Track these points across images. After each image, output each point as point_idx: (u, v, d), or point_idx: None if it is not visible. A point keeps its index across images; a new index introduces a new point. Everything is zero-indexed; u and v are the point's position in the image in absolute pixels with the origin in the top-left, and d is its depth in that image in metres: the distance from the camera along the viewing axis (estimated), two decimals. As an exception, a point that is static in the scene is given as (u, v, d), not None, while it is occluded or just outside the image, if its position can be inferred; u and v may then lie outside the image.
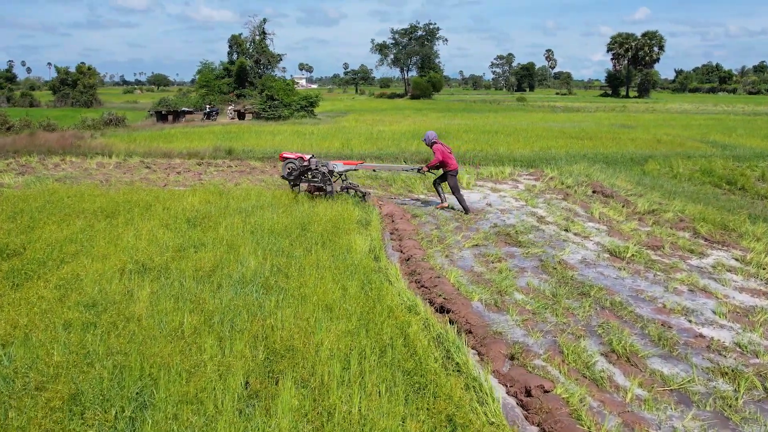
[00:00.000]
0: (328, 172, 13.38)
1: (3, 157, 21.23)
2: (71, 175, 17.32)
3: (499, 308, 7.29)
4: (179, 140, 26.25)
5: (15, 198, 12.57)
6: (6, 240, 9.03)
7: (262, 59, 67.13)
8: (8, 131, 29.93)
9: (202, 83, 61.33)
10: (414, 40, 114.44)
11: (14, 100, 73.98)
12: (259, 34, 67.99)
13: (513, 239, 10.45)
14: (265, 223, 10.51)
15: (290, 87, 46.21)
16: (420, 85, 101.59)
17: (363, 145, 23.68)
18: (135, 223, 10.47)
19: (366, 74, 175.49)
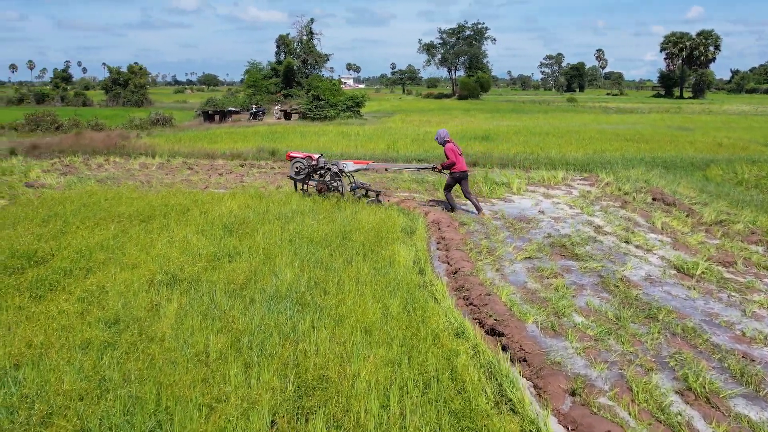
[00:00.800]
0: (338, 171, 13.25)
1: (49, 157, 21.22)
2: (113, 176, 17.09)
3: (557, 332, 6.58)
4: (223, 141, 26.01)
5: (53, 200, 12.30)
6: (35, 246, 8.66)
7: (309, 59, 67.11)
8: (57, 130, 30.16)
9: (250, 83, 61.53)
10: (462, 39, 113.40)
11: (68, 100, 75.48)
12: (306, 34, 67.98)
13: (569, 251, 9.70)
14: (305, 230, 9.97)
15: (336, 87, 45.83)
16: (467, 85, 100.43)
17: (409, 147, 23.06)
18: (170, 229, 10.05)
19: (413, 74, 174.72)
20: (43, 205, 11.77)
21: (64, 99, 76.13)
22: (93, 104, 73.46)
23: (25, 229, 9.78)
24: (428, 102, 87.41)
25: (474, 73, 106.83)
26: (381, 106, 68.68)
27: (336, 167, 13.30)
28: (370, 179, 16.72)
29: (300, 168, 13.48)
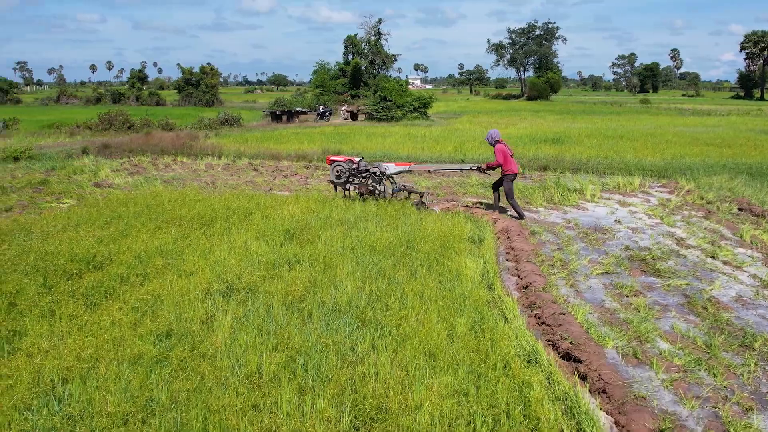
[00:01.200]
0: (380, 173, 12.98)
1: (119, 156, 21.52)
2: (179, 176, 17.12)
3: (640, 360, 5.98)
4: (289, 141, 25.97)
5: (117, 201, 12.28)
6: (95, 249, 8.53)
7: (377, 60, 66.91)
8: (129, 130, 30.73)
9: (318, 83, 61.74)
10: (532, 39, 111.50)
11: (142, 99, 77.54)
12: (374, 35, 67.80)
13: (650, 266, 9.01)
14: (368, 238, 9.58)
15: (403, 87, 45.49)
16: (537, 85, 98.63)
17: (477, 149, 22.46)
18: (230, 234, 9.82)
19: (481, 75, 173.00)
20: (108, 206, 11.75)
21: (138, 98, 78.21)
22: (166, 104, 75.24)
23: (87, 231, 9.71)
24: (496, 103, 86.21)
25: (543, 74, 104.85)
26: (448, 106, 68.05)
27: (377, 170, 12.99)
28: (435, 184, 16.25)
29: (341, 171, 13.21)
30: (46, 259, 8.10)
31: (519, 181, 16.30)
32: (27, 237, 9.36)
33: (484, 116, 47.36)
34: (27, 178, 16.45)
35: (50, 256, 8.21)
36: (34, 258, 8.11)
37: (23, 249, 8.55)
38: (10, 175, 17.39)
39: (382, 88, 44.48)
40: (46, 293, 6.94)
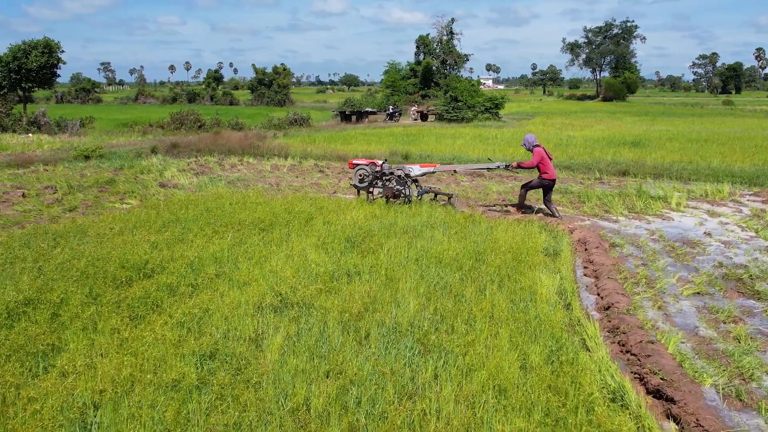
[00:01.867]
0: (405, 176, 12.52)
1: (186, 156, 21.51)
2: (244, 178, 16.86)
3: (744, 403, 5.15)
4: (357, 142, 25.55)
5: (178, 203, 12.01)
6: (147, 256, 8.17)
7: (448, 59, 66.11)
8: (200, 129, 30.93)
9: (388, 83, 61.48)
10: (608, 38, 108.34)
11: (216, 99, 78.98)
12: (446, 34, 67.00)
13: (748, 287, 8.06)
14: (434, 248, 8.94)
15: (475, 88, 44.61)
16: (613, 86, 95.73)
17: (552, 152, 21.42)
18: (290, 240, 9.34)
19: (555, 75, 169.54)
20: (167, 209, 11.47)
21: (213, 98, 79.71)
22: (239, 103, 76.38)
23: (143, 235, 9.39)
24: (570, 104, 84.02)
25: (620, 74, 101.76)
26: (520, 107, 66.65)
27: (402, 172, 12.55)
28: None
29: (364, 175, 12.75)
30: (96, 264, 7.77)
31: (597, 187, 15.39)
32: (82, 240, 9.10)
33: (558, 117, 45.96)
34: (95, 177, 16.47)
35: (101, 261, 7.89)
36: (85, 263, 7.80)
37: (75, 253, 8.27)
38: (79, 173, 17.49)
39: (453, 88, 43.68)
40: (91, 303, 6.57)
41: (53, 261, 7.91)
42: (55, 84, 46.15)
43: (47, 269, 7.64)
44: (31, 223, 11.51)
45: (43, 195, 14.34)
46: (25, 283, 7.01)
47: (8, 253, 8.41)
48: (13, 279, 7.29)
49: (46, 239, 9.06)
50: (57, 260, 7.92)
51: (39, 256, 8.18)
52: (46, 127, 31.08)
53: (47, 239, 9.05)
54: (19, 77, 33.79)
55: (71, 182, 15.64)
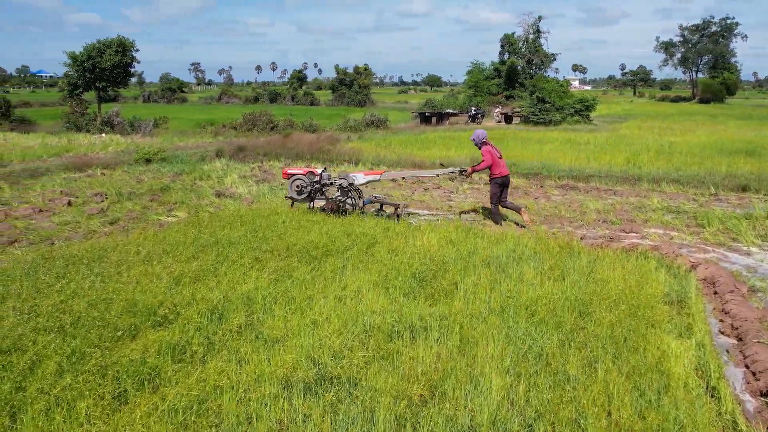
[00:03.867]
0: (349, 185, 11.43)
1: (252, 160, 20.18)
2: (308, 187, 15.29)
3: None
4: (435, 146, 23.68)
5: (225, 220, 10.48)
6: (162, 296, 6.56)
7: (534, 59, 63.26)
8: (272, 131, 29.74)
9: (471, 84, 59.30)
10: (706, 37, 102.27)
11: (297, 99, 78.69)
12: (533, 33, 64.15)
13: None
14: (523, 291, 7.02)
15: (564, 88, 41.95)
16: (711, 87, 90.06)
17: (654, 162, 19.06)
18: (343, 276, 7.59)
19: (645, 75, 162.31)
20: (210, 227, 9.94)
21: (294, 98, 79.50)
22: (320, 104, 75.81)
23: (169, 263, 7.81)
24: (664, 105, 79.36)
25: (719, 74, 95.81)
26: (610, 109, 63.14)
27: (345, 181, 11.43)
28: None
29: (302, 186, 11.61)
30: (98, 307, 6.22)
31: (714, 205, 13.06)
32: (96, 269, 7.60)
33: (653, 120, 42.68)
34: (149, 184, 15.24)
35: (105, 303, 6.33)
36: (85, 305, 6.25)
37: (79, 289, 6.75)
38: (136, 179, 16.33)
39: (540, 88, 41.15)
40: (68, 371, 4.98)
41: (49, 300, 6.40)
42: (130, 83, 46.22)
43: (40, 310, 6.14)
44: (62, 239, 10.22)
45: (89, 203, 13.15)
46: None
47: (5, 285, 6.98)
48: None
49: (54, 267, 7.61)
50: (54, 299, 6.41)
51: (37, 292, 6.70)
52: (119, 127, 30.60)
53: (56, 267, 7.60)
54: (93, 76, 33.53)
55: (122, 189, 14.44)
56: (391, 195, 14.49)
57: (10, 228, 11.00)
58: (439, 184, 16.08)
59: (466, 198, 14.31)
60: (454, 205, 13.33)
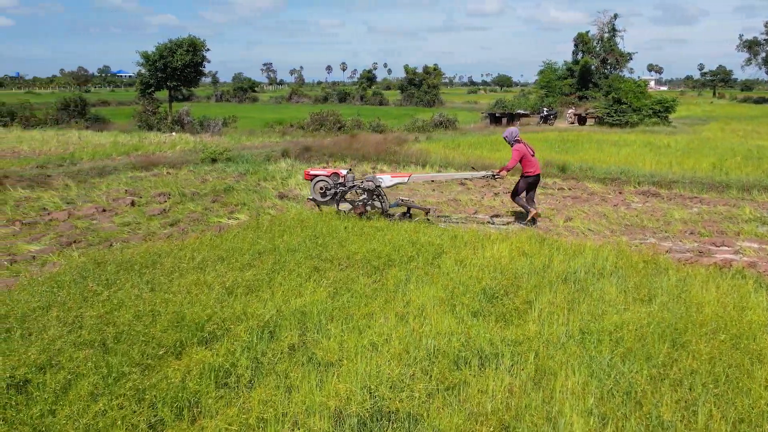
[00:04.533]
0: (375, 187, 11.01)
1: (318, 161, 19.82)
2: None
3: None
4: (506, 148, 22.73)
5: (284, 225, 10.05)
6: (211, 310, 6.09)
7: (609, 58, 61.29)
8: (339, 131, 29.41)
9: (542, 84, 57.91)
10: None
11: (366, 99, 78.63)
12: (608, 32, 62.16)
13: None
14: (607, 314, 6.30)
15: (641, 89, 40.22)
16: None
17: (742, 167, 17.80)
18: (406, 290, 7.02)
19: (726, 75, 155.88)
20: (269, 232, 9.51)
21: (363, 98, 79.50)
22: (388, 103, 75.56)
23: (223, 271, 7.39)
24: (747, 107, 75.62)
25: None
26: (689, 110, 60.55)
27: (372, 183, 10.98)
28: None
29: (325, 187, 11.20)
30: (144, 320, 5.82)
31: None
32: (147, 275, 7.24)
33: (737, 123, 40.52)
34: (213, 185, 15.02)
35: (151, 315, 5.93)
36: (131, 317, 5.87)
37: (126, 299, 6.38)
38: (201, 179, 16.16)
39: (616, 89, 39.61)
40: (102, 394, 4.56)
41: (94, 310, 6.05)
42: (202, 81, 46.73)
43: (83, 322, 5.78)
44: (120, 240, 9.99)
45: (151, 204, 12.97)
46: (37, 347, 5.14)
47: (52, 292, 6.68)
48: (31, 337, 5.48)
49: (104, 273, 7.28)
50: (99, 309, 6.05)
51: (83, 301, 6.36)
52: (188, 126, 30.83)
53: (106, 273, 7.28)
54: (165, 76, 33.94)
55: (185, 190, 14.24)
56: (459, 200, 13.83)
57: (72, 228, 10.87)
58: (509, 189, 15.31)
59: (539, 204, 13.52)
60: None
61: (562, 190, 15.25)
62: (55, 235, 10.38)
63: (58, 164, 18.13)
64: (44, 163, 17.99)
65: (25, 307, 6.16)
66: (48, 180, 15.64)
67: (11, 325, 5.76)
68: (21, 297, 6.50)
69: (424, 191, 14.96)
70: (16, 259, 8.99)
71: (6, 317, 5.95)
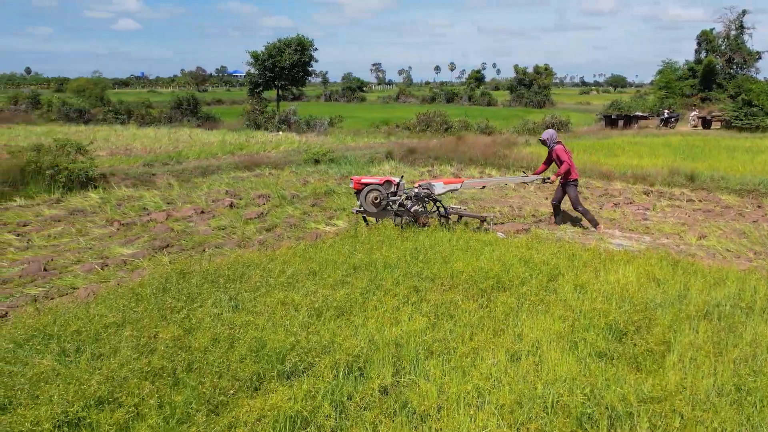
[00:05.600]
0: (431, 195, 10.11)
1: (422, 164, 19.05)
2: (479, 197, 13.83)
3: None
4: (625, 154, 21.27)
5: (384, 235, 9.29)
6: (295, 338, 5.38)
7: (735, 58, 57.29)
8: (446, 132, 28.54)
9: (661, 84, 54.76)
10: None
11: (474, 99, 77.47)
12: (735, 29, 58.12)
13: None
14: (766, 364, 5.17)
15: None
16: None
17: None
18: (518, 321, 6.10)
19: None
20: (367, 243, 8.79)
21: (470, 98, 78.42)
22: (497, 104, 74.18)
23: (313, 288, 6.67)
24: None
25: None
26: (828, 114, 55.62)
27: (426, 190, 10.06)
28: None
29: (379, 197, 10.02)
30: (221, 346, 5.19)
31: None
32: (231, 290, 6.65)
33: None
34: (313, 187, 14.52)
35: (227, 341, 5.29)
36: (207, 342, 5.25)
37: (203, 318, 5.79)
38: (302, 180, 15.72)
39: (747, 90, 36.67)
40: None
41: (170, 330, 5.48)
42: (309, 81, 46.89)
43: (156, 345, 5.22)
44: (213, 246, 9.57)
45: (250, 206, 12.58)
46: (101, 375, 4.59)
47: (131, 306, 6.19)
48: (100, 360, 4.97)
49: (187, 286, 6.75)
50: (174, 331, 5.47)
51: (162, 319, 5.82)
52: (295, 125, 30.78)
53: (189, 286, 6.74)
54: (273, 75, 34.07)
55: (286, 192, 13.79)
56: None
57: (167, 230, 10.56)
58: (632, 199, 13.98)
59: (664, 218, 12.18)
60: (650, 227, 11.28)
61: (692, 202, 13.76)
62: (149, 238, 10.08)
63: (165, 162, 18.20)
64: (151, 161, 18.10)
65: (99, 323, 5.68)
66: (152, 179, 15.63)
67: (81, 345, 5.28)
68: (98, 311, 6.04)
69: (537, 199, 13.85)
70: (107, 263, 8.69)
71: (78, 333, 5.48)
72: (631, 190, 15.03)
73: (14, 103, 41.66)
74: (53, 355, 5.09)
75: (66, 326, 5.63)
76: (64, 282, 7.88)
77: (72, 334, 5.46)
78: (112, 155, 20.32)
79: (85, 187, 14.04)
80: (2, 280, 8.06)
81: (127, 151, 22.05)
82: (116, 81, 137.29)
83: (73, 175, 13.86)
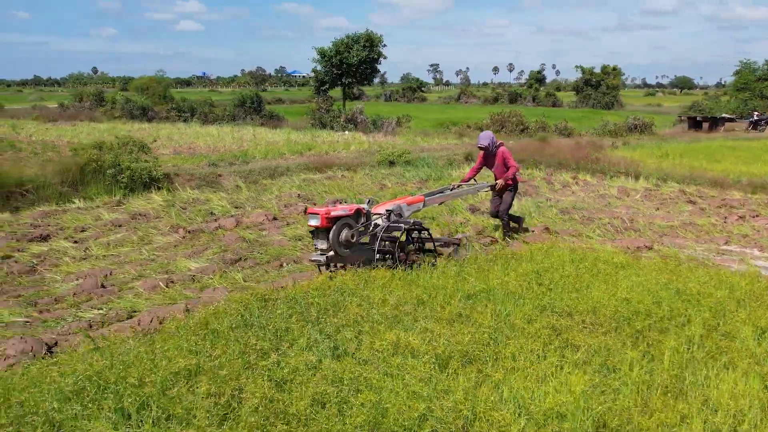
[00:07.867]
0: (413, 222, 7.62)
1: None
2: (581, 206, 12.30)
3: None
4: (725, 159, 19.36)
5: (490, 251, 7.91)
6: (413, 401, 4.06)
7: (821, 58, 53.83)
8: (522, 133, 26.93)
9: (739, 86, 51.82)
10: None
11: (538, 100, 75.54)
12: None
13: None
14: None
15: None
16: None
17: None
18: (696, 375, 4.65)
19: None
20: (474, 263, 7.41)
21: (535, 99, 76.50)
22: (562, 105, 72.11)
23: (422, 329, 5.30)
24: None
25: None
26: None
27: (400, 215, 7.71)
28: None
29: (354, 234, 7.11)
30: (328, 408, 3.90)
31: None
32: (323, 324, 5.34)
33: None
34: (393, 191, 13.28)
35: (334, 405, 4.00)
36: (307, 403, 3.97)
37: (297, 367, 4.50)
38: (378, 184, 14.45)
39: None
40: None
41: (256, 386, 4.20)
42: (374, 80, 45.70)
43: (242, 408, 3.96)
44: (291, 260, 8.35)
45: (326, 213, 11.30)
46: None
47: (205, 346, 4.94)
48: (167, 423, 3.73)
49: (272, 318, 5.47)
50: (262, 386, 4.19)
51: (243, 368, 4.54)
52: (362, 125, 29.59)
53: (274, 318, 5.46)
54: (340, 72, 32.94)
55: (362, 197, 12.49)
56: (695, 225, 11.03)
57: (238, 240, 9.37)
58: (757, 211, 12.24)
59: None
60: None
61: None
62: (218, 249, 8.91)
63: (231, 162, 17.14)
64: (217, 161, 17.05)
65: (167, 369, 4.44)
66: (218, 180, 14.57)
67: (145, 400, 4.06)
68: (164, 350, 4.79)
69: (647, 209, 12.25)
70: (172, 279, 7.55)
71: (141, 386, 4.24)
72: (753, 200, 13.25)
73: (79, 100, 41.63)
74: (108, 416, 3.89)
75: (126, 372, 4.41)
76: (124, 304, 6.73)
77: (133, 385, 4.23)
78: (175, 154, 19.42)
79: (148, 188, 13.04)
80: (54, 297, 6.99)
81: (190, 149, 21.15)
82: (178, 80, 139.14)
83: (135, 175, 12.86)
